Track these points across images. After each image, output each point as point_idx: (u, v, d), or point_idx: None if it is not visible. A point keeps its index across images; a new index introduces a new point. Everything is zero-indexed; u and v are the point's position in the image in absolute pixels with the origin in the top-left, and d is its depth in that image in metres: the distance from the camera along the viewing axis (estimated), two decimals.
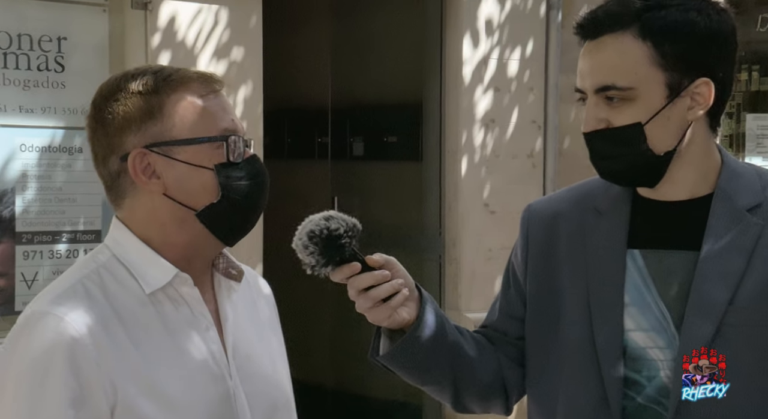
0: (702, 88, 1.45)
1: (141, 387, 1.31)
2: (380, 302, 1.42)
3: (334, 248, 1.40)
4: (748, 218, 1.45)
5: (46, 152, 3.76)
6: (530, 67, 4.84)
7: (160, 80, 1.37)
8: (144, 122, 1.36)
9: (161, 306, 1.37)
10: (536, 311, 1.56)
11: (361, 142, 5.92)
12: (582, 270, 1.51)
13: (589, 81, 1.46)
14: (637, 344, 1.46)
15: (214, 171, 1.36)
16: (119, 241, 1.40)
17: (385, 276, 1.42)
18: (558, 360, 1.52)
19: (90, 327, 1.30)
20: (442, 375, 1.54)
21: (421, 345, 1.48)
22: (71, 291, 1.34)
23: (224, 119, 1.39)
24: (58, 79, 3.74)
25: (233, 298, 1.45)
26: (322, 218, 1.40)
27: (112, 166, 1.38)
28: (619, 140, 1.44)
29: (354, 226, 1.41)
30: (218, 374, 1.38)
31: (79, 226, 3.82)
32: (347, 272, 1.41)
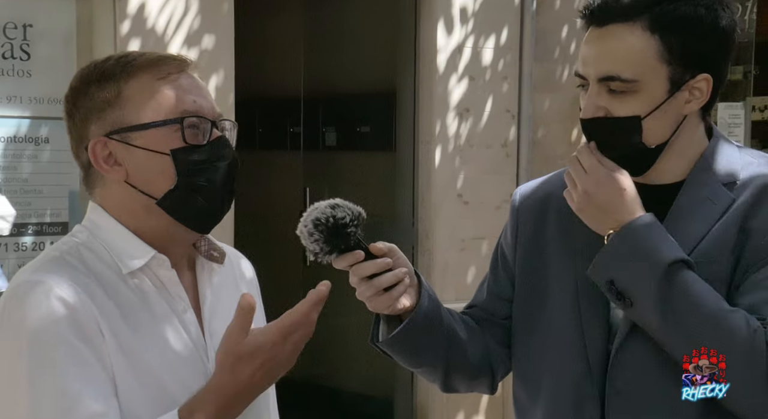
0: (702, 83, 1.46)
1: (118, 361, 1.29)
2: (382, 291, 1.43)
3: (339, 237, 1.40)
4: (720, 189, 1.47)
5: (12, 142, 3.70)
6: (504, 55, 4.83)
7: (120, 66, 1.35)
8: (104, 110, 1.34)
9: (139, 288, 1.36)
10: (524, 291, 1.58)
11: (334, 132, 5.89)
12: (570, 251, 1.52)
13: (593, 69, 1.45)
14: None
15: (170, 156, 1.33)
16: (97, 223, 1.39)
17: (387, 264, 1.43)
18: (544, 337, 1.54)
19: (77, 292, 1.28)
20: (436, 359, 1.57)
21: (419, 331, 1.50)
22: (54, 261, 1.33)
23: (185, 101, 1.35)
24: (24, 67, 3.68)
25: (214, 281, 1.44)
26: (328, 205, 1.40)
27: (82, 157, 1.38)
28: (615, 130, 1.45)
29: (359, 215, 1.41)
30: (196, 356, 1.37)
31: (45, 218, 3.77)
32: (351, 259, 1.42)
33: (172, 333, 1.36)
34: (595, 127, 1.47)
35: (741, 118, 5.24)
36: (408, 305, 1.47)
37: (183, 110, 1.35)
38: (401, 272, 1.44)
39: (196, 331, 1.38)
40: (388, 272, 1.43)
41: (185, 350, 1.36)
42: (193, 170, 1.34)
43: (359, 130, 5.65)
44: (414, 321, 1.49)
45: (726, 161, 1.50)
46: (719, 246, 1.43)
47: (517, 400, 1.62)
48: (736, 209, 1.45)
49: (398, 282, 1.44)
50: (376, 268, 1.42)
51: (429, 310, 1.50)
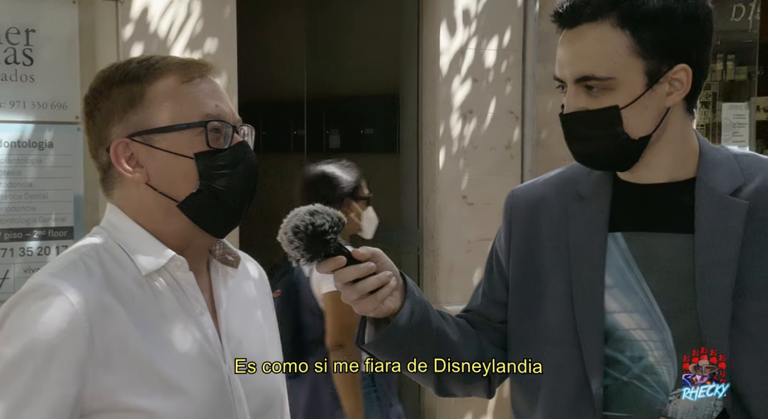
0: (680, 74, 1.46)
1: (135, 369, 1.29)
2: (367, 294, 1.44)
3: (320, 244, 1.40)
4: (732, 202, 1.46)
5: (16, 147, 3.70)
6: (507, 57, 4.83)
7: (144, 69, 1.36)
8: (126, 112, 1.34)
9: (157, 289, 1.36)
10: (519, 294, 1.58)
11: (338, 134, 5.89)
12: (564, 254, 1.52)
13: (569, 71, 1.46)
14: (620, 325, 1.47)
15: (194, 160, 1.34)
16: (115, 224, 1.39)
17: (370, 269, 1.43)
18: (540, 342, 1.53)
19: (89, 302, 1.28)
20: (425, 362, 1.56)
21: (405, 333, 1.50)
22: (72, 266, 1.33)
23: (207, 105, 1.36)
24: (27, 72, 3.68)
25: (229, 284, 1.45)
26: (307, 212, 1.40)
27: (102, 158, 1.38)
28: (595, 122, 1.45)
29: (339, 220, 1.41)
30: (213, 359, 1.38)
31: (50, 222, 3.76)
32: (332, 265, 1.42)
33: (188, 336, 1.36)
34: (574, 121, 1.47)
35: (746, 118, 5.25)
36: (394, 308, 1.48)
37: (206, 113, 1.35)
38: (385, 276, 1.44)
39: (212, 334, 1.39)
40: (372, 276, 1.44)
41: (202, 353, 1.37)
42: (215, 174, 1.35)
43: (363, 132, 5.66)
44: (400, 322, 1.49)
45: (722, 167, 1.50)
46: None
47: (515, 405, 1.61)
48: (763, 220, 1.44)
49: (383, 285, 1.44)
50: (358, 273, 1.43)
51: (415, 311, 1.50)
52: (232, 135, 1.37)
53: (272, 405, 1.46)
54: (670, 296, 1.46)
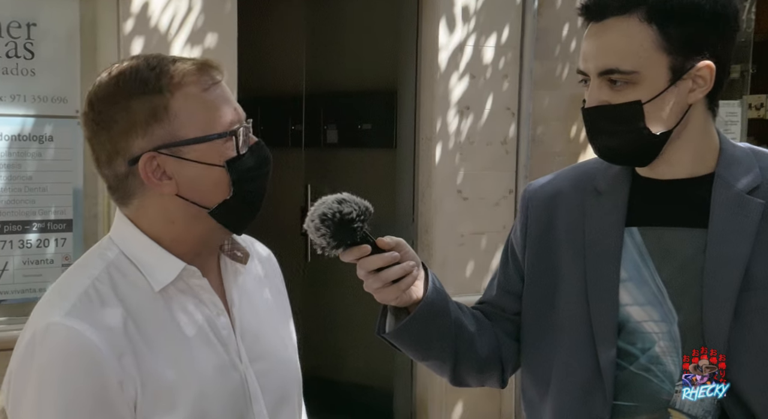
0: (704, 71, 1.46)
1: (160, 392, 1.30)
2: (389, 284, 1.44)
3: (346, 232, 1.41)
4: (749, 200, 1.46)
5: (16, 140, 3.71)
6: (505, 54, 4.85)
7: (162, 78, 1.33)
8: (150, 124, 1.32)
9: (171, 301, 1.36)
10: (534, 286, 1.59)
11: (335, 129, 5.90)
12: (580, 247, 1.53)
13: (593, 64, 1.46)
14: (633, 317, 1.48)
15: (225, 168, 1.34)
16: (126, 237, 1.38)
17: (394, 258, 1.45)
18: (553, 334, 1.54)
19: (109, 340, 1.27)
20: (443, 351, 1.57)
21: (426, 323, 1.51)
22: (85, 298, 1.31)
23: (228, 112, 1.36)
24: (28, 66, 3.69)
25: (239, 281, 1.45)
26: (335, 200, 1.41)
27: (118, 168, 1.34)
28: (617, 117, 1.46)
29: (366, 209, 1.42)
30: (229, 362, 1.39)
31: (50, 215, 3.78)
32: (357, 254, 1.43)
33: (206, 344, 1.37)
34: (597, 115, 1.47)
35: (738, 116, 5.28)
36: (415, 298, 1.49)
37: (230, 121, 1.35)
38: (408, 265, 1.46)
39: (228, 334, 1.40)
40: (395, 265, 1.45)
41: (219, 358, 1.38)
42: (245, 178, 1.36)
43: (360, 127, 5.67)
44: (421, 313, 1.50)
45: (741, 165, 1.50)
46: None
47: (526, 394, 1.62)
48: None
49: (406, 275, 1.45)
50: (383, 262, 1.44)
51: (436, 302, 1.51)
52: (248, 136, 1.38)
53: (290, 396, 1.48)
54: (680, 288, 1.47)
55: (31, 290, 3.71)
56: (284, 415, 1.45)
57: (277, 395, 1.44)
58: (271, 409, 1.41)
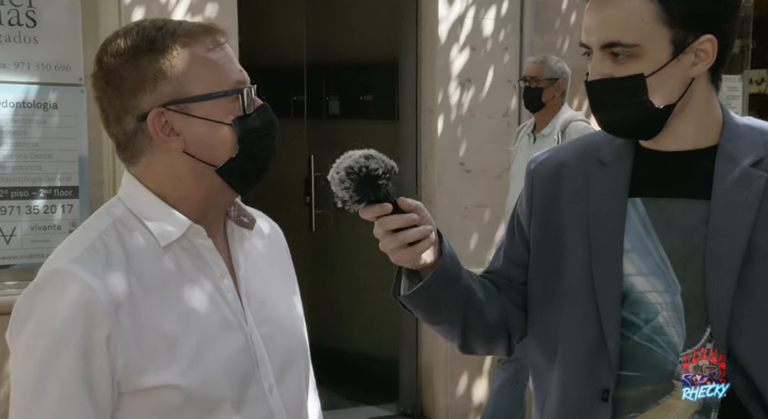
0: (706, 45, 1.46)
1: (159, 346, 1.32)
2: (406, 246, 1.45)
3: (370, 188, 1.40)
4: (752, 173, 1.48)
5: (21, 107, 3.73)
6: (505, 26, 4.85)
7: (168, 37, 1.36)
8: (158, 81, 1.34)
9: (176, 258, 1.38)
10: (539, 256, 1.60)
11: (337, 100, 5.91)
12: (584, 218, 1.54)
13: (595, 37, 1.47)
14: (636, 288, 1.50)
15: (232, 126, 1.37)
16: (133, 195, 1.40)
17: (413, 220, 1.44)
18: (559, 303, 1.56)
19: (109, 291, 1.30)
20: (454, 317, 1.59)
21: (440, 288, 1.52)
22: (91, 250, 1.34)
23: (234, 71, 1.38)
24: (30, 34, 3.70)
25: (245, 246, 1.47)
26: (362, 156, 1.41)
27: (126, 126, 1.37)
28: (620, 90, 1.46)
29: (392, 168, 1.41)
30: (234, 322, 1.40)
31: (55, 182, 3.81)
32: (378, 211, 1.43)
33: (210, 304, 1.39)
34: (600, 89, 1.48)
35: (739, 90, 5.29)
36: (429, 262, 1.50)
37: (236, 80, 1.37)
38: (426, 229, 1.46)
39: (233, 297, 1.41)
40: (413, 227, 1.45)
41: (224, 318, 1.39)
42: (251, 138, 1.38)
43: (362, 99, 5.67)
44: (434, 278, 1.51)
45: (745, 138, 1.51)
46: None
47: (533, 364, 1.64)
48: None
49: (422, 239, 1.46)
50: (402, 222, 1.43)
51: (449, 268, 1.53)
52: (254, 98, 1.40)
53: (295, 361, 1.49)
54: (683, 259, 1.48)
55: (39, 255, 3.75)
56: (289, 380, 1.46)
57: (282, 360, 1.45)
58: (276, 373, 1.43)
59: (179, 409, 1.33)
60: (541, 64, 4.29)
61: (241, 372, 1.39)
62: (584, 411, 1.52)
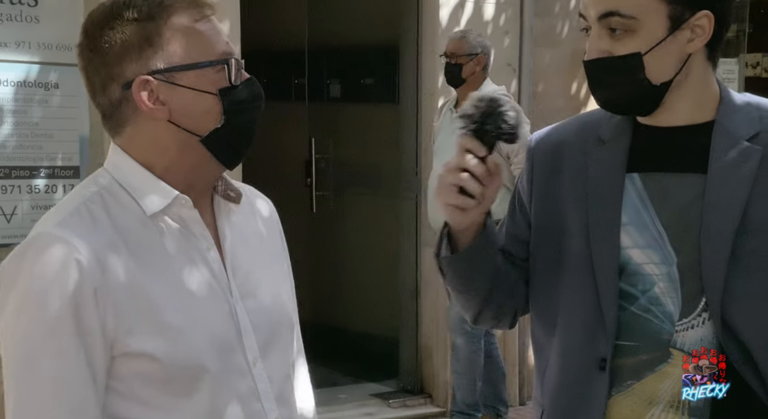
0: (703, 20, 1.47)
1: (145, 310, 1.32)
2: (459, 191, 1.48)
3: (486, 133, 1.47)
4: (748, 147, 1.50)
5: (22, 87, 3.74)
6: (506, 10, 4.85)
7: (155, 6, 1.36)
8: (144, 50, 1.35)
9: (163, 228, 1.38)
10: (540, 231, 1.63)
11: (338, 84, 5.92)
12: (583, 193, 1.57)
13: (593, 9, 1.49)
14: (633, 260, 1.53)
15: (218, 96, 1.37)
16: (119, 165, 1.40)
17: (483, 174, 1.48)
18: (559, 276, 1.59)
19: (96, 251, 1.30)
20: (483, 286, 1.62)
21: (483, 255, 1.57)
22: (76, 214, 1.34)
23: (220, 42, 1.39)
24: (32, 13, 3.70)
25: (232, 219, 1.47)
26: (514, 110, 1.49)
27: (112, 94, 1.37)
28: (618, 69, 1.48)
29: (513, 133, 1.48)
30: (219, 293, 1.40)
31: (57, 162, 3.82)
32: (473, 145, 1.47)
33: (195, 273, 1.39)
34: (598, 67, 1.50)
35: (735, 73, 5.30)
36: (477, 222, 1.53)
37: (222, 51, 1.38)
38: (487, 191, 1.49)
39: (219, 269, 1.41)
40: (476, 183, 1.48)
41: (209, 288, 1.39)
42: (237, 109, 1.38)
43: (363, 82, 5.69)
44: (479, 242, 1.55)
45: (741, 113, 1.53)
46: None
47: (534, 337, 1.67)
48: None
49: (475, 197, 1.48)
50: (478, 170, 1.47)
51: (492, 238, 1.57)
52: (240, 71, 1.40)
53: (280, 334, 1.49)
54: (679, 232, 1.51)
55: None
56: (274, 355, 1.46)
57: (267, 333, 1.44)
58: (261, 346, 1.43)
59: (164, 378, 1.33)
60: (461, 40, 4.26)
61: (225, 341, 1.39)
62: (582, 380, 1.54)
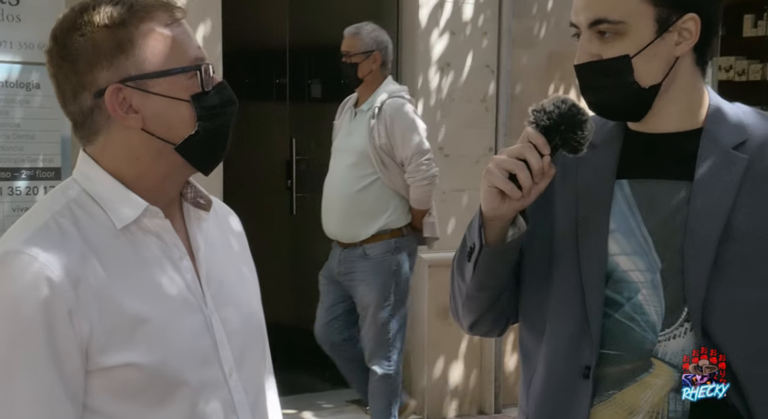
0: (689, 23, 1.50)
1: (120, 324, 1.30)
2: (508, 178, 1.48)
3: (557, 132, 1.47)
4: (733, 155, 1.52)
5: (3, 87, 3.70)
6: (484, 11, 4.87)
7: (125, 11, 1.34)
8: (115, 56, 1.33)
9: (134, 240, 1.36)
10: (532, 238, 1.63)
11: (319, 84, 5.93)
12: (573, 199, 1.58)
13: (584, 15, 1.51)
14: (620, 267, 1.54)
15: (191, 102, 1.35)
16: (89, 176, 1.37)
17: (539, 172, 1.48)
18: (547, 282, 1.59)
19: (67, 268, 1.28)
20: (500, 285, 1.62)
21: (516, 249, 1.57)
22: (45, 229, 1.31)
23: (192, 48, 1.37)
24: (13, 12, 3.67)
25: (203, 227, 1.45)
26: (590, 122, 1.48)
27: (83, 103, 1.34)
28: (607, 72, 1.50)
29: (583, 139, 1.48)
30: (194, 303, 1.38)
31: (38, 163, 3.77)
32: (538, 140, 1.47)
33: (169, 283, 1.37)
34: (588, 71, 1.52)
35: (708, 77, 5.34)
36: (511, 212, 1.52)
37: (195, 57, 1.36)
38: (536, 188, 1.49)
39: (192, 278, 1.39)
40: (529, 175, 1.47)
41: (184, 299, 1.37)
42: (210, 115, 1.36)
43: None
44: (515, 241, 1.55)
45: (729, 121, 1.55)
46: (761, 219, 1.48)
47: (522, 345, 1.67)
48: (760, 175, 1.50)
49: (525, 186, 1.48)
50: (535, 162, 1.46)
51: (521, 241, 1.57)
52: (212, 75, 1.38)
53: (254, 344, 1.48)
54: (665, 239, 1.51)
55: None
56: (249, 364, 1.45)
57: (241, 343, 1.43)
58: (236, 357, 1.41)
59: (139, 391, 1.31)
60: (354, 37, 3.99)
61: (201, 353, 1.37)
62: (567, 388, 1.55)
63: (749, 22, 5.82)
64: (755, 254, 1.48)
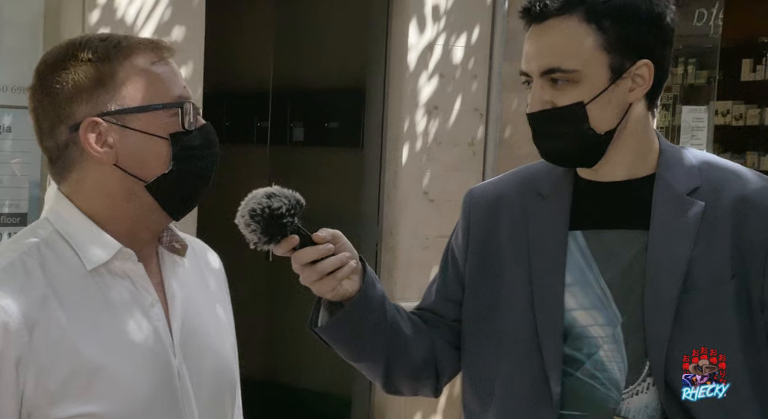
0: (643, 69, 1.50)
1: (76, 371, 1.27)
2: (326, 275, 1.45)
3: (276, 226, 1.40)
4: (689, 201, 1.50)
5: None
6: (475, 54, 4.86)
7: (111, 48, 1.33)
8: (95, 90, 1.31)
9: (104, 283, 1.33)
10: (475, 293, 1.59)
11: (302, 127, 5.88)
12: (524, 253, 1.54)
13: (535, 64, 1.49)
14: (578, 322, 1.50)
15: (168, 140, 1.33)
16: (61, 215, 1.35)
17: (328, 250, 1.44)
18: (497, 341, 1.54)
19: (25, 313, 1.26)
20: (376, 352, 1.56)
21: (361, 318, 1.50)
22: (10, 269, 1.30)
23: (177, 86, 1.36)
24: None
25: (179, 272, 1.42)
26: (264, 195, 1.40)
27: (59, 136, 1.33)
28: (562, 119, 1.49)
29: (297, 203, 1.41)
30: (162, 353, 1.35)
31: (3, 208, 3.72)
32: (286, 246, 1.43)
33: (136, 330, 1.33)
34: (542, 119, 1.50)
35: (704, 121, 5.36)
36: (351, 291, 1.48)
37: (178, 95, 1.35)
38: (345, 256, 1.45)
39: (163, 326, 1.36)
40: (331, 256, 1.44)
41: (151, 347, 1.34)
42: (187, 156, 1.34)
43: (327, 125, 5.65)
44: (356, 305, 1.49)
45: (681, 166, 1.53)
46: (720, 268, 1.46)
47: (466, 406, 1.61)
48: (716, 221, 1.48)
49: (342, 266, 1.45)
50: (317, 254, 1.43)
51: (372, 296, 1.50)
52: (196, 116, 1.37)
53: (222, 396, 1.45)
54: (624, 291, 1.49)
55: None
56: (216, 416, 1.42)
57: (209, 395, 1.40)
58: (201, 410, 1.38)
59: None
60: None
61: (164, 404, 1.34)
62: None
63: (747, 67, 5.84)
64: (716, 303, 1.45)
